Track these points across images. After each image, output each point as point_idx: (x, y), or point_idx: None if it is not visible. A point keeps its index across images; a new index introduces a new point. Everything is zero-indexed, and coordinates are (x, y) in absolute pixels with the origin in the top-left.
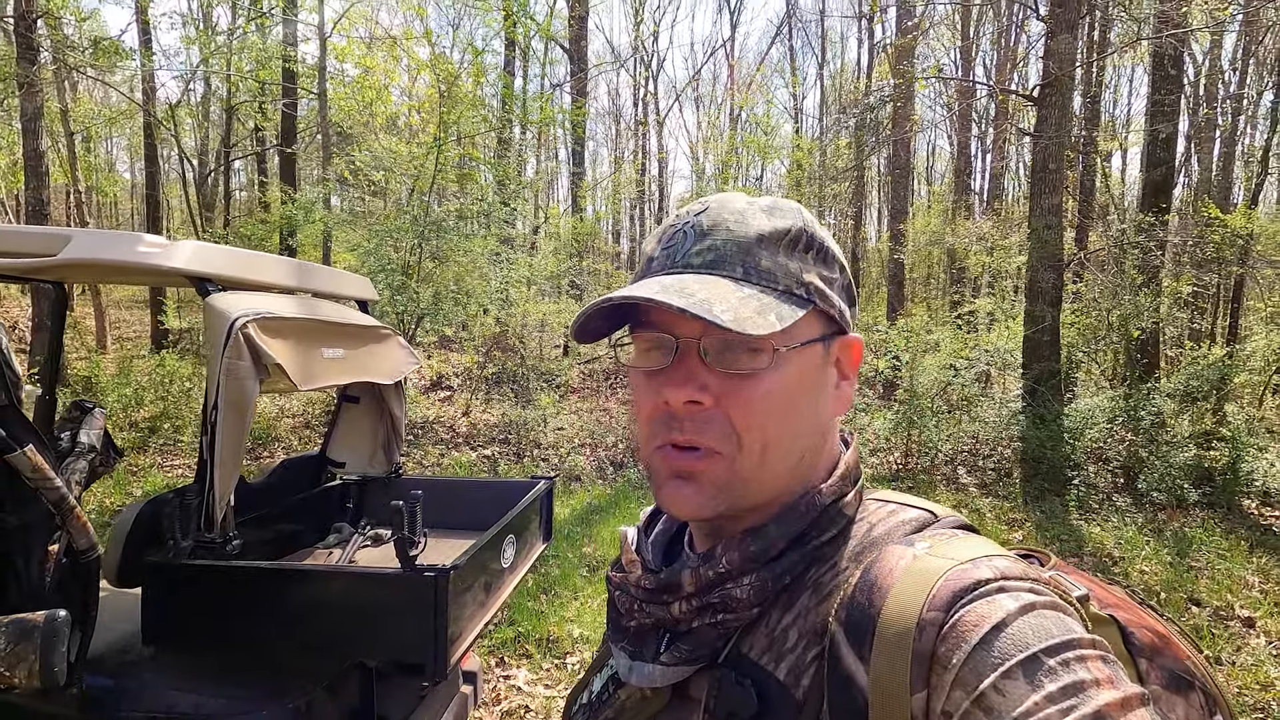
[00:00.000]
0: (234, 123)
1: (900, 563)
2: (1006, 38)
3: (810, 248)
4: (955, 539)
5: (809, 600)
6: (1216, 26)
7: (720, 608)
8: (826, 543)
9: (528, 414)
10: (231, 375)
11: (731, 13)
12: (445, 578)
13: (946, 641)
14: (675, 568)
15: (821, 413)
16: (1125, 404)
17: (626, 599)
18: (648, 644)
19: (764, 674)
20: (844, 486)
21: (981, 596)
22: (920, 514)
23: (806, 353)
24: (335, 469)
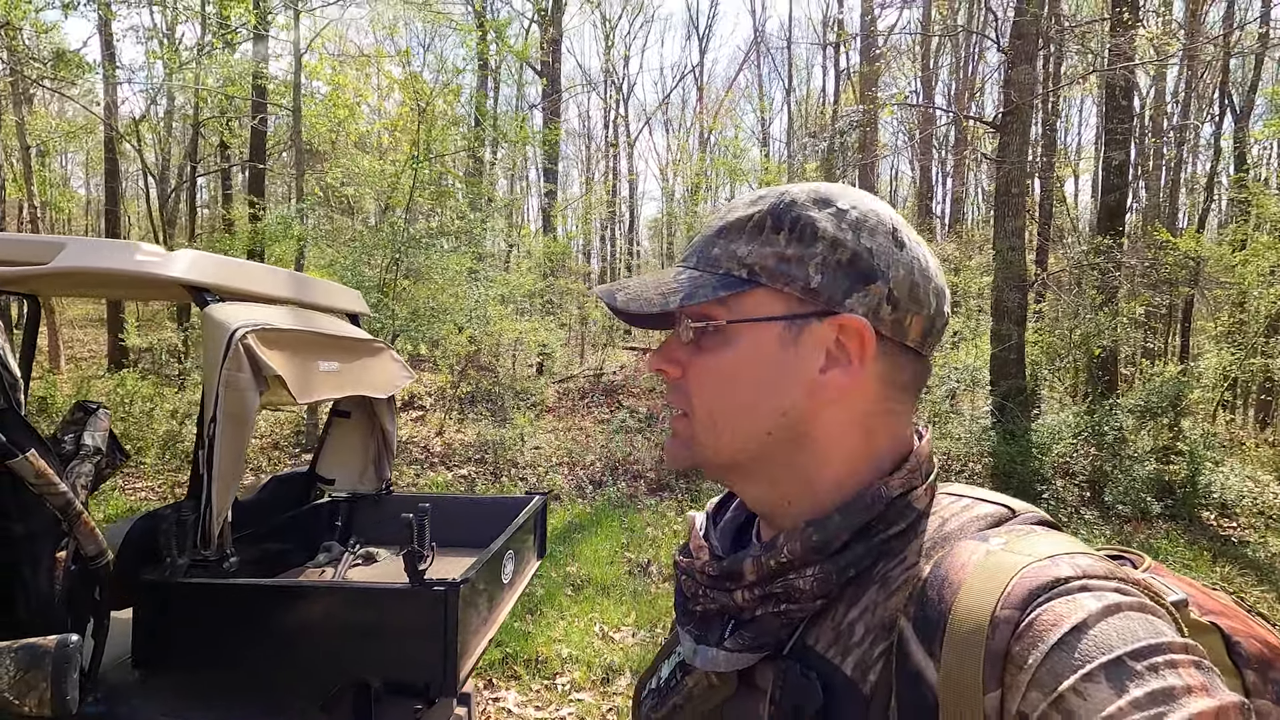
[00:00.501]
0: (200, 139)
1: (973, 558)
2: (965, 68)
3: (780, 228)
4: (1034, 535)
5: (877, 595)
6: (1160, 61)
7: (783, 597)
8: (894, 536)
9: (504, 433)
10: (231, 387)
11: (700, 39)
12: (455, 593)
13: (1022, 640)
14: (738, 556)
15: (785, 395)
16: (1089, 420)
17: (692, 583)
18: (713, 629)
19: (830, 667)
20: (913, 479)
21: (1061, 595)
22: (996, 509)
23: (757, 331)
24: (324, 486)
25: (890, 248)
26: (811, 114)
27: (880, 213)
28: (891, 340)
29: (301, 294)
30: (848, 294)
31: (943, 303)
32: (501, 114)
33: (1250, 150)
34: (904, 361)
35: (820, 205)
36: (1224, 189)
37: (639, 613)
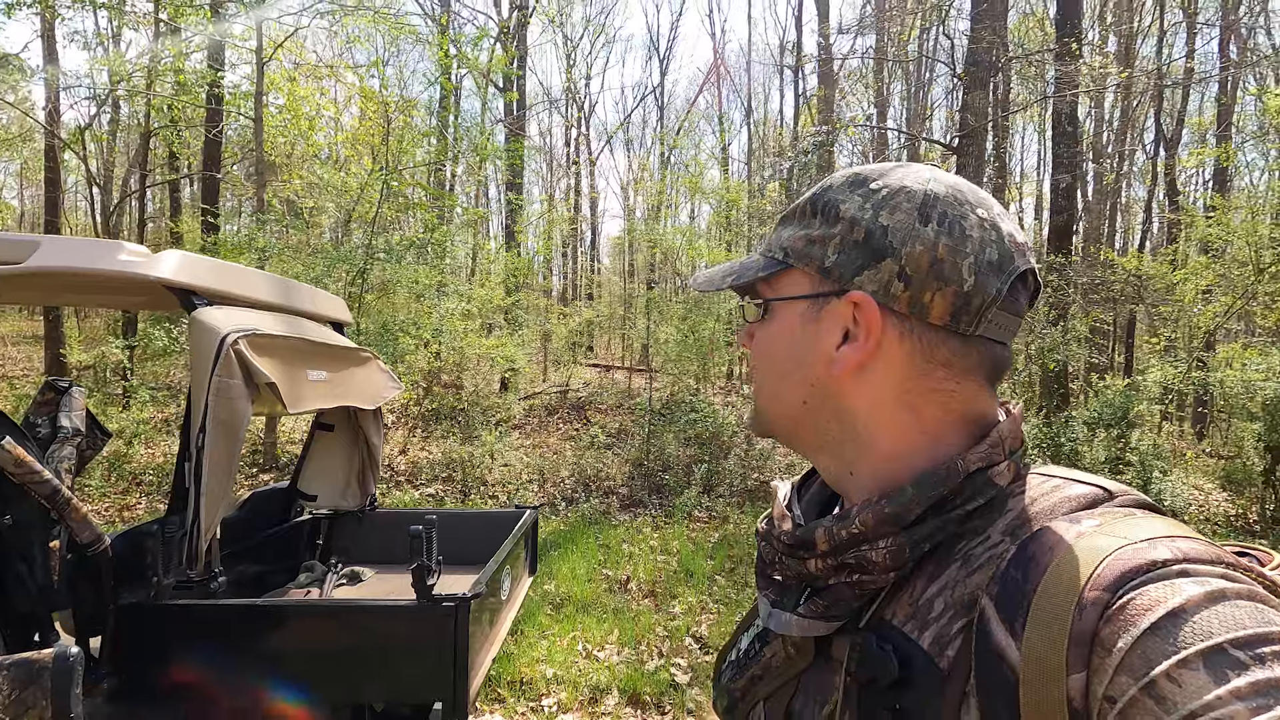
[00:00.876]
0: (148, 149)
1: (1062, 539)
2: (916, 95)
3: (816, 212)
4: (1132, 518)
5: (958, 572)
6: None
7: (856, 568)
8: (973, 513)
9: (471, 450)
10: (222, 394)
11: (661, 60)
12: (466, 608)
13: (1112, 624)
14: (811, 525)
15: (809, 368)
16: (1047, 432)
17: (770, 550)
18: (789, 595)
19: (907, 641)
20: (993, 455)
21: (1157, 579)
22: (1090, 490)
23: (787, 308)
24: (306, 503)
25: (911, 223)
26: (770, 135)
27: (914, 189)
28: (911, 318)
29: (289, 300)
30: (858, 272)
31: (991, 277)
32: (466, 129)
33: (1179, 176)
34: (937, 339)
35: (854, 187)
36: (1158, 212)
37: (622, 630)
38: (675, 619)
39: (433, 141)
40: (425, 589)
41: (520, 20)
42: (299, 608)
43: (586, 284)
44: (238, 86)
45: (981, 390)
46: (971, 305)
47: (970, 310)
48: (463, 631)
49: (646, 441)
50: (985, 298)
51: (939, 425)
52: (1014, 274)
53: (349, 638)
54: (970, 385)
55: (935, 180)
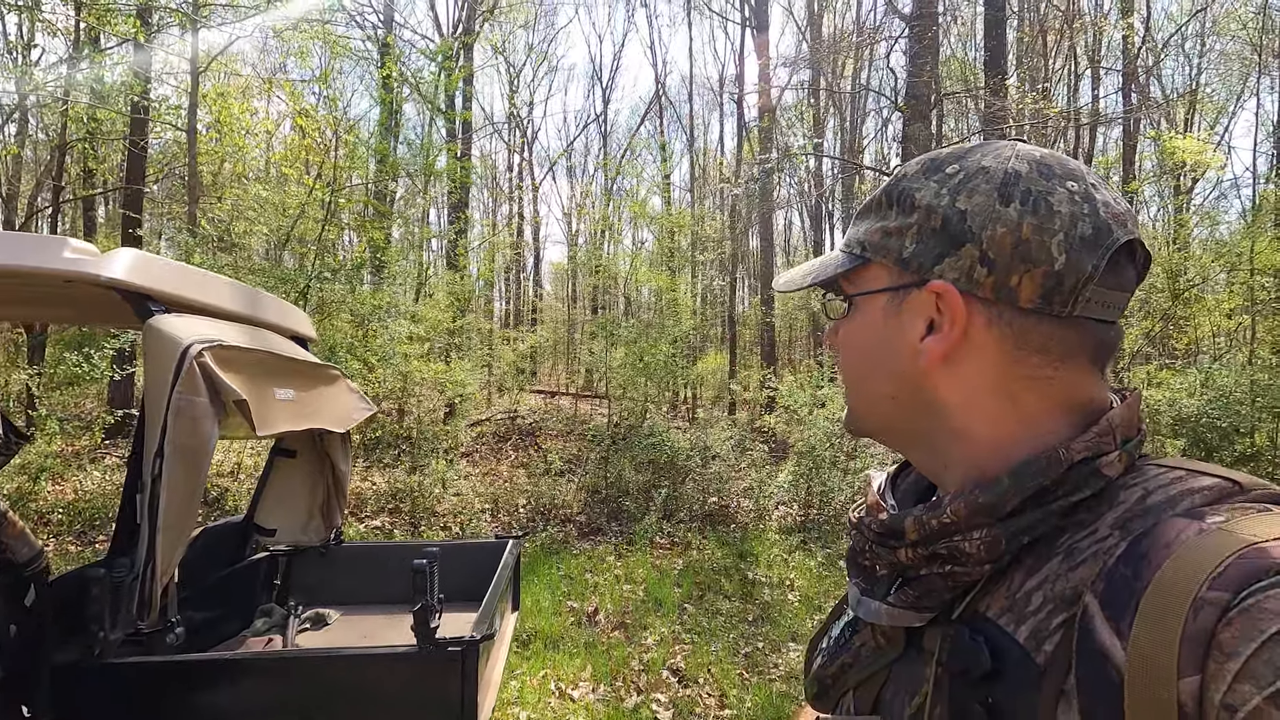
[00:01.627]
0: (63, 164)
1: (1181, 535)
2: (850, 128)
3: (891, 204)
4: (1267, 515)
5: (1059, 566)
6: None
7: (948, 559)
8: (1078, 504)
9: (419, 480)
10: (184, 414)
11: (604, 89)
12: (475, 651)
13: (1233, 626)
14: (900, 514)
15: (894, 361)
16: None
17: (861, 539)
18: (880, 584)
19: (1002, 634)
20: (1102, 444)
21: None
22: (1218, 482)
23: (869, 303)
24: (263, 538)
25: (991, 205)
26: (710, 166)
27: (993, 168)
28: (999, 303)
29: (254, 310)
30: (937, 260)
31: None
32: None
33: None
34: (1029, 323)
35: (929, 173)
36: None
37: (595, 665)
38: (649, 651)
39: (375, 161)
40: (428, 632)
41: (464, 45)
42: (275, 661)
43: (529, 310)
44: (165, 99)
45: (1088, 374)
46: (1065, 285)
47: (1064, 290)
48: (471, 678)
49: (603, 467)
50: (1080, 276)
51: (1039, 414)
52: (1113, 247)
53: (338, 692)
54: (1073, 370)
55: (1018, 157)
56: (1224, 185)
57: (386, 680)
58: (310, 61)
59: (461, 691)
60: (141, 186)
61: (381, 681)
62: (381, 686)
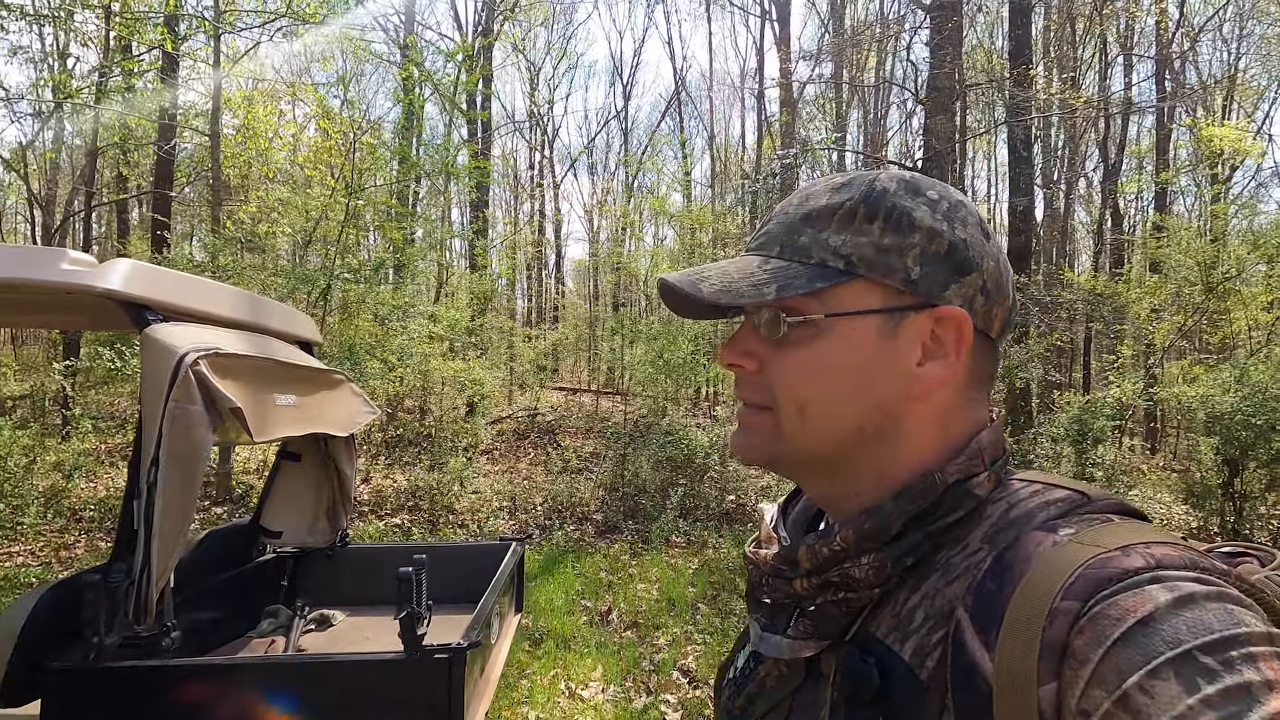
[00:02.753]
0: (95, 168)
1: (1038, 548)
2: (874, 120)
3: (874, 217)
4: (1109, 524)
5: (938, 581)
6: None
7: (841, 586)
8: (954, 524)
9: (439, 478)
10: (180, 422)
11: (625, 86)
12: (462, 659)
13: (1083, 634)
14: (794, 544)
15: (880, 388)
16: (1017, 449)
17: (758, 573)
18: (779, 618)
19: (889, 653)
20: (972, 465)
21: (1129, 588)
22: (1069, 495)
23: (854, 324)
24: (270, 540)
25: (981, 238)
26: (732, 160)
27: (967, 204)
28: (979, 331)
29: (255, 317)
30: (945, 285)
31: (1015, 293)
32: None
33: (1122, 200)
34: (986, 351)
35: (912, 194)
36: (1108, 235)
37: (606, 666)
38: (660, 651)
39: (397, 161)
40: (415, 640)
41: (486, 43)
42: (266, 666)
43: (551, 307)
44: (192, 105)
45: (987, 399)
46: (1012, 319)
47: (1010, 324)
48: (457, 685)
49: (621, 465)
50: (1016, 311)
51: (954, 439)
52: None
53: (327, 698)
54: (986, 394)
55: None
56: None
57: (376, 686)
58: (332, 64)
59: (449, 698)
60: (168, 191)
61: (372, 687)
62: (372, 691)
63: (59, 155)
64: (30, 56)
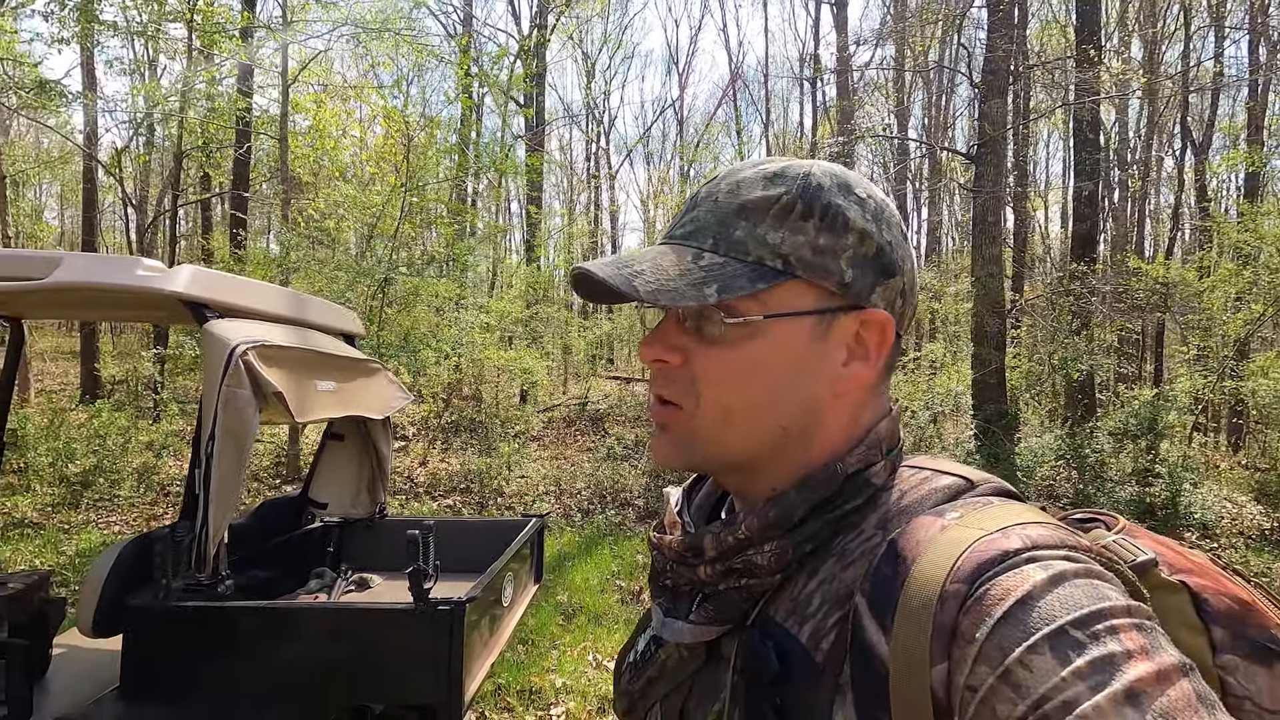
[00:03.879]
0: (181, 170)
1: (927, 533)
2: (937, 103)
3: (810, 215)
4: (990, 507)
5: (834, 566)
6: (1122, 95)
7: (743, 572)
8: (852, 511)
9: (489, 462)
10: (231, 404)
11: (680, 74)
12: (462, 611)
13: (969, 615)
14: (700, 532)
15: (807, 389)
16: (1070, 443)
17: (661, 559)
18: (681, 603)
19: (787, 636)
20: (870, 455)
21: (1009, 568)
22: (954, 480)
23: (788, 325)
24: (317, 510)
25: (901, 240)
26: (789, 147)
27: (889, 204)
28: None
29: (300, 313)
30: (872, 288)
31: None
32: (485, 145)
33: (1210, 181)
34: (895, 348)
35: (845, 192)
36: (1188, 219)
37: None
38: None
39: (453, 158)
40: (422, 593)
41: (540, 39)
42: (300, 610)
43: None
44: (265, 110)
45: (888, 389)
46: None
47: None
48: (458, 635)
49: None
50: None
51: (861, 430)
52: None
53: (348, 640)
54: (887, 385)
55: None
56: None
57: (389, 633)
58: (394, 65)
59: (450, 645)
60: (243, 192)
61: (385, 634)
62: (385, 638)
63: (150, 158)
64: (124, 68)
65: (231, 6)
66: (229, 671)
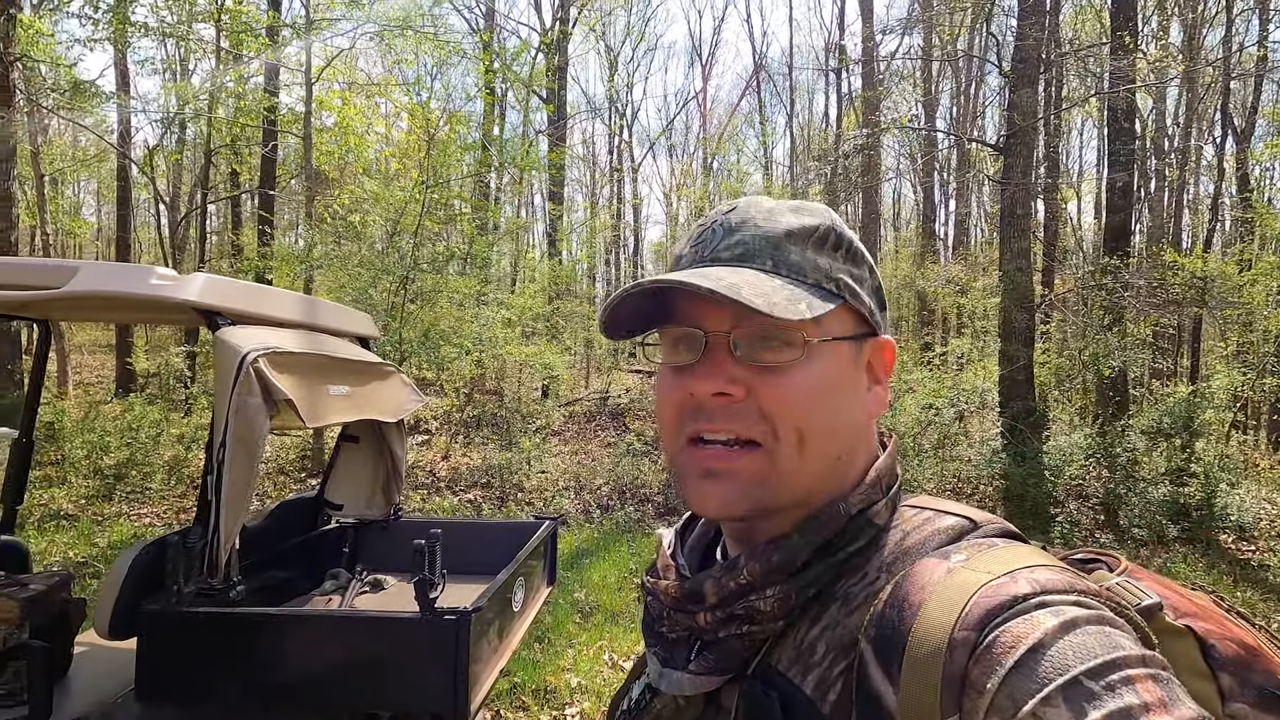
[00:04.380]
0: (211, 167)
1: (933, 577)
2: (966, 93)
3: (839, 246)
4: (995, 549)
5: (838, 612)
6: (1159, 84)
7: (745, 619)
8: (855, 553)
9: (510, 457)
10: (242, 411)
11: (704, 66)
12: (467, 621)
13: (980, 664)
14: (699, 577)
15: (856, 413)
16: (1101, 441)
17: (658, 605)
18: (679, 651)
19: (791, 686)
20: (873, 494)
21: (1018, 614)
22: (958, 521)
23: (838, 348)
24: (332, 511)
25: None
26: (814, 138)
27: None
28: None
29: (313, 317)
30: (882, 317)
31: None
32: (507, 140)
33: (1252, 170)
34: None
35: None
36: (1228, 209)
37: None
38: None
39: (474, 155)
40: (428, 603)
41: (562, 33)
42: (308, 617)
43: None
44: (291, 108)
45: None
46: None
47: None
48: (464, 645)
49: None
50: None
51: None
52: None
53: (356, 647)
54: None
55: None
56: None
57: (396, 641)
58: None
59: (455, 655)
60: (269, 190)
61: (391, 642)
62: (391, 646)
63: (182, 156)
64: (155, 67)
65: (259, 6)
66: (239, 675)
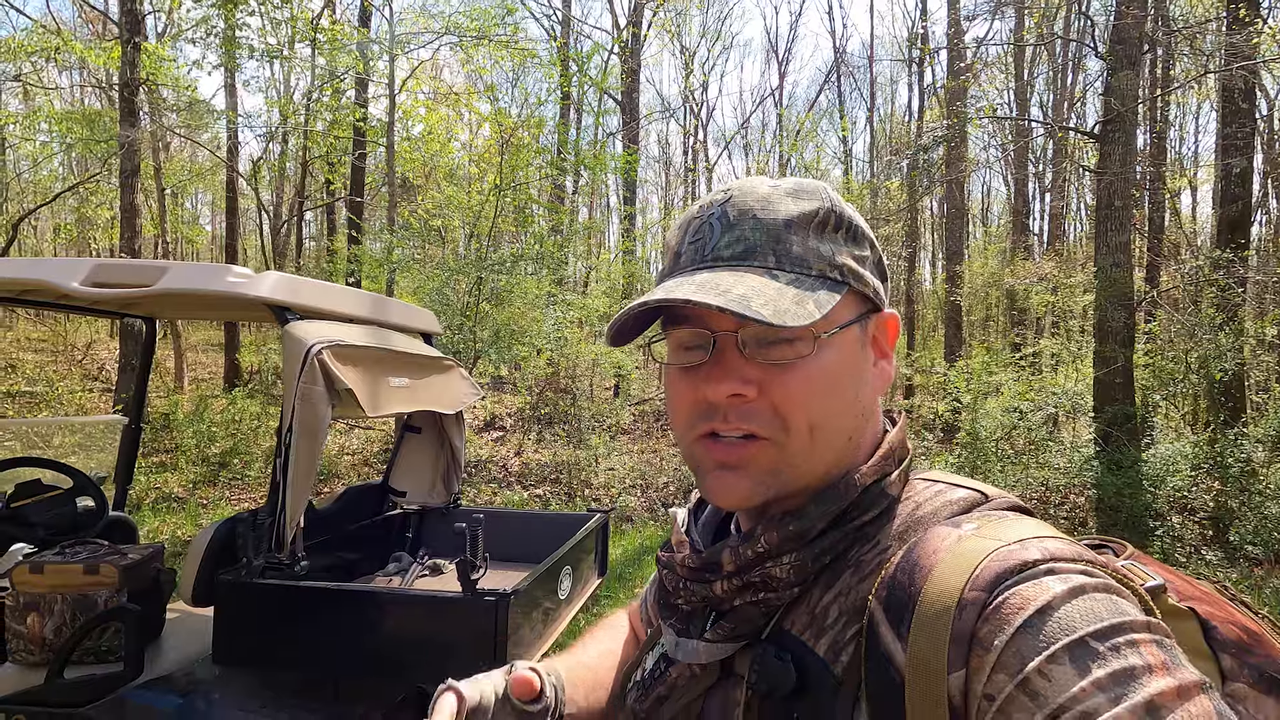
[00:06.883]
0: (309, 177)
1: (944, 543)
2: (1062, 77)
3: (840, 227)
4: (1005, 520)
5: (850, 578)
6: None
7: (761, 586)
8: (869, 522)
9: (579, 454)
10: (306, 399)
11: (780, 62)
12: (506, 603)
13: (989, 623)
14: (716, 547)
15: (863, 393)
16: (1211, 450)
17: (673, 577)
18: (694, 621)
19: (804, 650)
20: (886, 466)
21: (1028, 579)
22: (969, 494)
23: (846, 335)
24: (396, 498)
25: None
26: (896, 132)
27: None
28: None
29: (377, 314)
30: (884, 291)
31: None
32: (582, 143)
33: None
34: None
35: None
36: None
37: None
38: None
39: (551, 156)
40: (470, 583)
41: (634, 35)
42: (362, 594)
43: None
44: (380, 120)
45: None
46: None
47: None
48: (503, 624)
49: None
50: None
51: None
52: None
53: (405, 624)
54: None
55: None
56: None
57: (440, 620)
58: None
59: (494, 634)
60: (359, 197)
61: (436, 620)
62: (436, 625)
63: (284, 168)
64: (259, 86)
65: (350, 22)
66: (301, 643)
